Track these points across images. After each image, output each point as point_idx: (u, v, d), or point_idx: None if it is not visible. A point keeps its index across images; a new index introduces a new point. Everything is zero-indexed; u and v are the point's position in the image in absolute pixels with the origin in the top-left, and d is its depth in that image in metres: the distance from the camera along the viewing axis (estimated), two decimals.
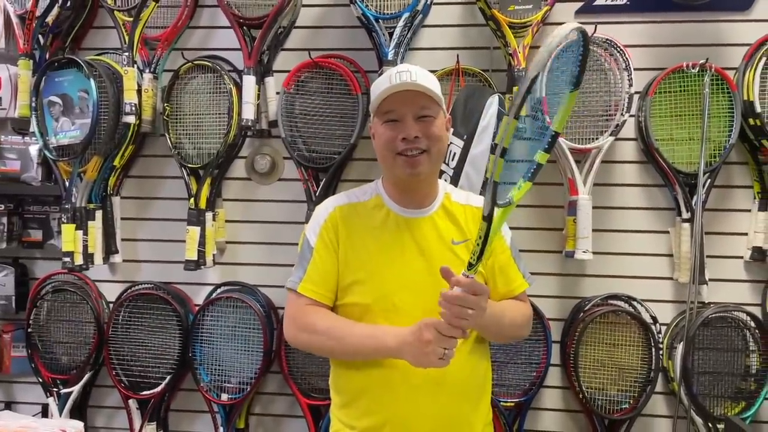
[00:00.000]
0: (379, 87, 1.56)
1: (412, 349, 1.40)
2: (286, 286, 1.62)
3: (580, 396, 2.26)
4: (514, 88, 2.21)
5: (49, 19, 2.44)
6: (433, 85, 1.55)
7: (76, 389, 2.45)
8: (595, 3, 2.37)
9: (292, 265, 1.64)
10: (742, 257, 2.33)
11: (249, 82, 2.32)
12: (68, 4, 2.46)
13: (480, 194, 1.90)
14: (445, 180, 2.06)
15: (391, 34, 2.25)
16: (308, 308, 1.57)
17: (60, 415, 2.44)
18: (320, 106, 2.38)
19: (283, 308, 2.44)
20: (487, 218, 1.30)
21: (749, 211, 2.32)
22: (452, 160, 2.15)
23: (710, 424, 2.19)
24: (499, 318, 1.55)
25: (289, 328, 1.61)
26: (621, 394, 2.28)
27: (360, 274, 1.57)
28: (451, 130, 1.68)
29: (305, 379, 2.40)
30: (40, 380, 2.48)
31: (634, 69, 2.25)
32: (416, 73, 1.54)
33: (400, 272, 1.55)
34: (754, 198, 2.30)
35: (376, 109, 1.57)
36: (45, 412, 2.54)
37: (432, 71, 1.65)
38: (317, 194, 2.34)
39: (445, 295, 1.34)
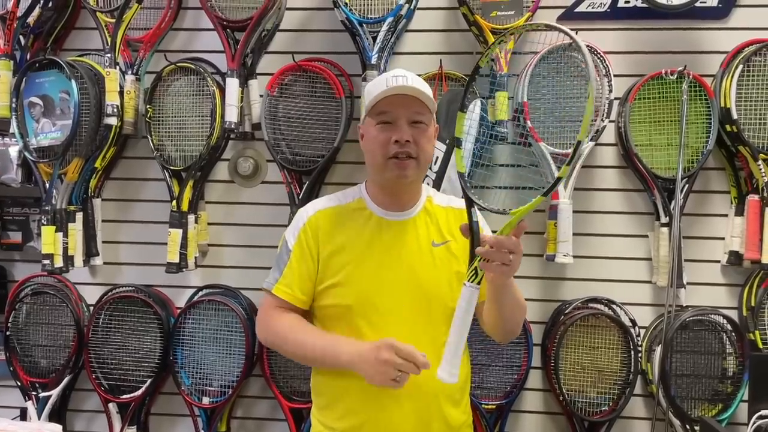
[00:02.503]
0: (376, 88, 1.57)
1: (367, 365, 1.42)
2: (262, 287, 1.65)
3: (561, 398, 2.28)
4: (497, 93, 2.24)
5: (31, 19, 2.42)
6: (429, 93, 1.58)
7: (55, 393, 2.43)
8: (576, 10, 2.40)
9: None
10: (719, 261, 2.37)
11: (232, 84, 2.32)
12: (50, 4, 2.44)
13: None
14: (428, 183, 2.08)
15: (374, 38, 2.26)
16: (277, 311, 1.60)
17: (39, 419, 2.41)
18: (304, 109, 2.38)
19: None
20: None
21: (726, 216, 2.36)
22: (435, 164, 2.17)
23: (688, 426, 2.22)
24: (517, 290, 1.55)
25: (259, 328, 1.65)
26: (600, 396, 2.30)
27: (340, 275, 1.58)
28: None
29: (287, 383, 2.39)
30: (19, 383, 2.45)
31: (614, 75, 2.28)
32: (413, 79, 1.58)
33: (379, 274, 1.56)
34: (731, 203, 2.34)
35: (370, 109, 1.58)
36: (23, 416, 2.51)
37: None
38: (300, 197, 2.34)
39: (490, 241, 1.35)
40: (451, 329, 1.36)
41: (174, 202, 2.38)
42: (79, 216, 2.43)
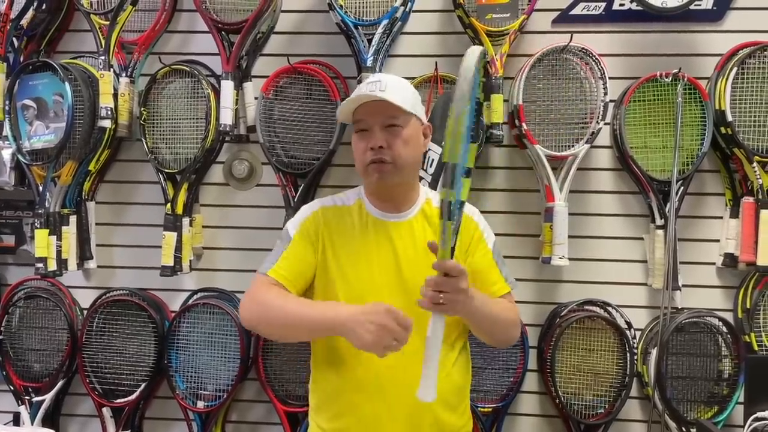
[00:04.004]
0: (353, 97, 1.59)
1: (365, 325, 1.37)
2: (258, 271, 1.61)
3: (557, 401, 2.27)
4: (492, 96, 2.23)
5: (24, 21, 2.41)
6: (400, 95, 1.56)
7: (48, 397, 2.41)
8: (571, 12, 2.40)
9: None
10: (714, 263, 2.37)
11: (227, 87, 2.31)
12: (43, 6, 2.43)
13: None
14: (423, 185, 2.07)
15: (370, 41, 2.26)
16: (270, 286, 1.57)
17: (32, 424, 2.40)
18: (299, 112, 2.38)
19: None
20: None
21: (721, 218, 2.36)
22: (430, 166, 2.17)
23: (684, 429, 2.22)
24: (489, 309, 1.54)
25: (244, 304, 1.59)
26: (596, 398, 2.30)
27: (335, 274, 1.59)
28: (430, 136, 1.70)
29: (282, 386, 2.38)
30: (12, 388, 2.43)
31: (609, 78, 2.28)
32: (386, 83, 1.56)
33: (372, 274, 1.57)
34: (726, 205, 2.35)
35: (343, 117, 1.62)
36: (17, 421, 2.49)
37: (410, 78, 1.67)
38: (296, 200, 2.34)
39: (426, 281, 1.37)
40: (424, 353, 1.36)
41: (168, 205, 2.37)
42: (73, 219, 2.42)
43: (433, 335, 1.36)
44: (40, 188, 2.35)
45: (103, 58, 2.32)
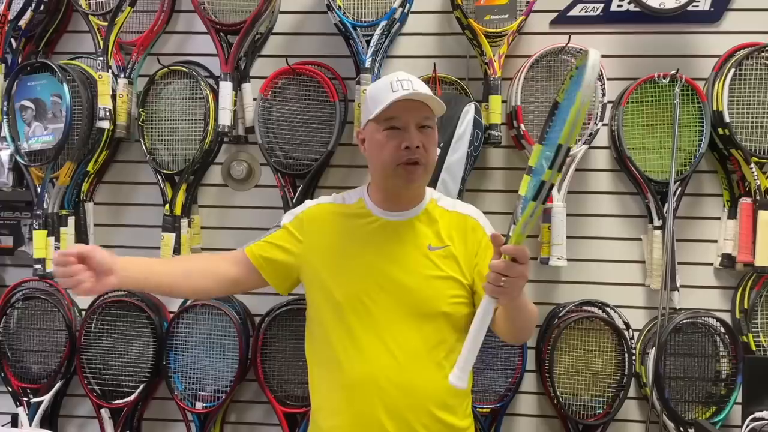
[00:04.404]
0: (382, 93, 1.55)
1: None
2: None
3: (555, 401, 2.28)
4: (490, 97, 2.24)
5: (22, 22, 2.41)
6: (434, 97, 1.56)
7: (46, 398, 2.41)
8: (569, 14, 2.41)
9: None
10: (712, 264, 2.37)
11: (226, 88, 2.31)
12: (42, 7, 2.43)
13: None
14: None
15: (368, 42, 2.26)
16: (214, 255, 1.62)
17: (30, 425, 2.39)
18: (297, 113, 2.38)
19: (258, 315, 2.45)
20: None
21: (719, 218, 2.37)
22: None
23: (682, 429, 2.22)
24: (528, 303, 1.53)
25: None
26: (595, 399, 2.31)
27: (332, 270, 1.59)
28: None
29: (281, 387, 2.38)
30: (10, 389, 2.43)
31: (607, 79, 2.29)
32: (417, 83, 1.56)
33: (370, 272, 1.56)
34: (724, 206, 2.35)
35: (376, 115, 1.54)
36: (15, 422, 2.48)
37: None
38: (294, 201, 2.34)
39: (491, 265, 1.33)
40: (467, 337, 1.35)
41: (167, 206, 2.37)
42: (71, 220, 2.42)
43: (482, 320, 1.34)
44: (39, 189, 2.35)
45: (101, 59, 2.32)
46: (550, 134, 1.29)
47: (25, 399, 2.42)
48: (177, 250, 2.35)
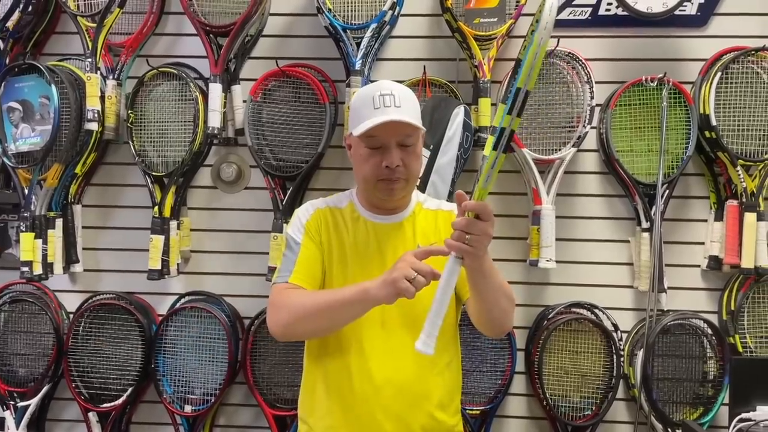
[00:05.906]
0: (363, 109, 1.53)
1: (384, 278, 1.38)
2: (273, 283, 1.59)
3: (544, 403, 2.29)
4: (480, 100, 2.25)
5: (10, 23, 2.39)
6: (413, 110, 1.54)
7: (33, 402, 2.39)
8: (558, 17, 2.42)
9: (258, 274, 1.64)
10: (699, 266, 2.40)
11: (215, 90, 2.30)
12: (30, 8, 2.41)
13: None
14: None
15: (358, 44, 2.26)
16: (293, 290, 1.55)
17: (17, 429, 2.37)
18: (287, 115, 2.37)
19: (248, 318, 2.44)
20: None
21: (706, 221, 2.39)
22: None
23: (670, 430, 2.24)
24: (497, 275, 1.47)
25: (271, 315, 1.55)
26: (584, 400, 2.32)
27: (328, 274, 1.60)
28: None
29: (271, 390, 2.38)
30: None
31: (596, 82, 2.30)
32: (399, 96, 1.52)
33: (363, 275, 1.56)
34: (711, 208, 2.37)
35: (358, 134, 1.53)
36: (1, 426, 2.46)
37: (399, 82, 1.66)
38: (284, 203, 2.33)
39: (454, 224, 1.32)
40: (433, 301, 1.34)
41: (156, 208, 2.36)
42: (59, 222, 2.40)
43: (447, 281, 1.33)
44: (26, 191, 2.33)
45: (90, 60, 2.30)
46: (511, 89, 1.27)
47: (12, 403, 2.40)
48: (166, 252, 2.34)
